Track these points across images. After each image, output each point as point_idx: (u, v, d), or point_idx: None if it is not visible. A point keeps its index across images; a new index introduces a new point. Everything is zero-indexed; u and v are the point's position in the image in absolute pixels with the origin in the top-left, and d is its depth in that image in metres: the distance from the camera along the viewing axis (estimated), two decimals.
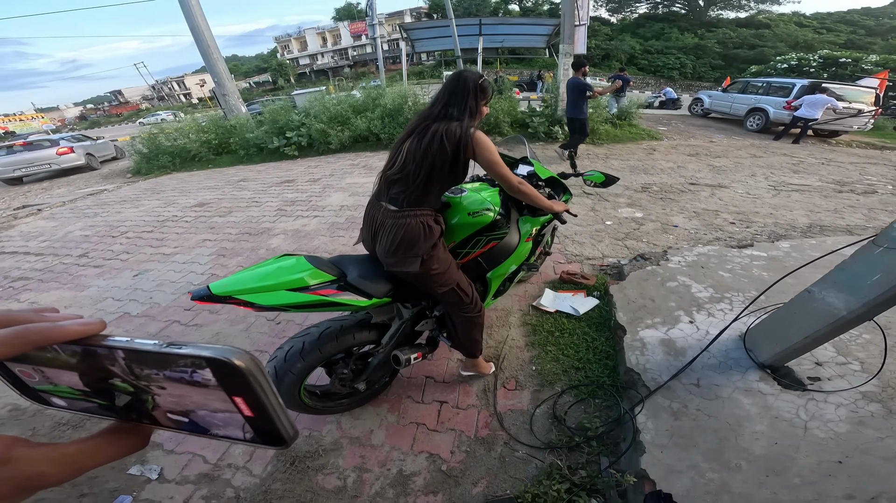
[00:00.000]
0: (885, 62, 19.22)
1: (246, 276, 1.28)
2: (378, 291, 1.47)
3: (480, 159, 1.40)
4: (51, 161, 9.84)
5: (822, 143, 8.60)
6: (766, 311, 1.89)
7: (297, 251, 3.66)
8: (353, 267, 1.46)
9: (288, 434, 0.30)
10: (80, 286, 3.39)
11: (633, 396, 1.76)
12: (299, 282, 1.29)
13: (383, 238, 1.43)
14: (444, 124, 1.35)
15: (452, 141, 1.33)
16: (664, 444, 1.47)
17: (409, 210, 1.40)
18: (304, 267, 1.33)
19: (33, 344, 0.26)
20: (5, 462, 0.26)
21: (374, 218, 1.49)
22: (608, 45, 37.25)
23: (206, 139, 9.04)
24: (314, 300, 1.32)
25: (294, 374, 1.44)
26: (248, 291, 1.23)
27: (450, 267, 1.51)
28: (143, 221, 5.08)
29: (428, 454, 1.65)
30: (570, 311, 2.47)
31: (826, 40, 33.99)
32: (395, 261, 1.42)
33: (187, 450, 1.75)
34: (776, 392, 1.62)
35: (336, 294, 1.36)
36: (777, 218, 3.93)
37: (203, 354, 0.25)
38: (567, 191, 2.09)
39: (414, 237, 1.38)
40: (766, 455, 1.38)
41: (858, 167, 6.24)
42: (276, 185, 6.33)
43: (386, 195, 1.46)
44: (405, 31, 13.91)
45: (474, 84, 1.41)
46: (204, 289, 1.22)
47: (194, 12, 8.24)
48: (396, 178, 1.41)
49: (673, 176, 5.56)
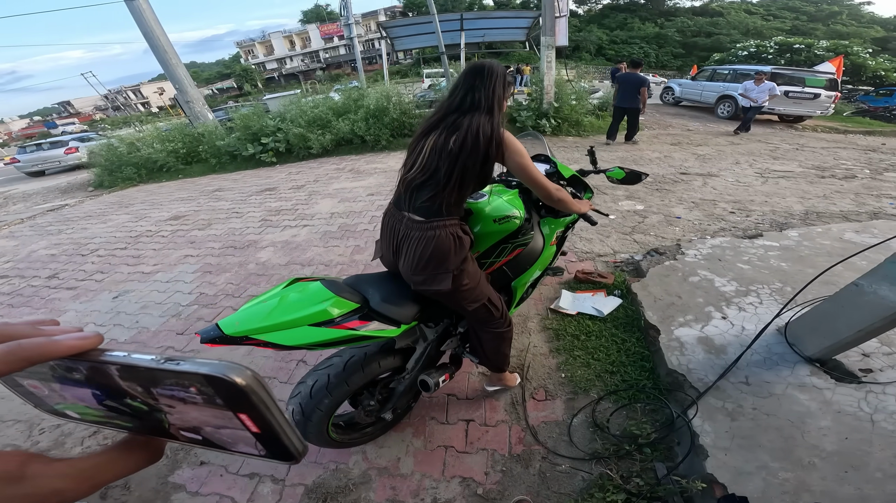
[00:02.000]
0: (835, 48, 20.49)
1: (260, 310, 1.10)
2: (406, 316, 1.32)
3: (510, 162, 1.25)
4: (59, 159, 11.83)
5: (790, 129, 8.99)
6: (803, 305, 1.85)
7: (291, 264, 3.44)
8: (374, 289, 1.30)
9: (296, 449, 0.29)
10: (55, 310, 3.13)
11: (681, 399, 1.70)
12: (323, 314, 1.12)
13: (409, 253, 1.26)
14: (476, 117, 1.20)
15: (486, 137, 1.18)
16: (727, 447, 1.42)
17: (438, 220, 1.23)
18: (325, 295, 1.16)
19: (28, 360, 0.25)
20: (20, 479, 0.25)
21: (395, 230, 1.32)
22: (577, 36, 38.06)
23: (173, 148, 8.55)
24: (342, 336, 1.15)
25: (322, 412, 1.31)
26: (267, 329, 1.06)
27: (480, 281, 1.38)
28: (114, 237, 4.76)
29: (461, 478, 1.54)
30: (593, 313, 2.38)
31: (774, 27, 36.01)
32: (425, 279, 1.27)
33: (213, 491, 1.59)
34: (831, 386, 1.58)
35: (363, 325, 1.20)
36: (773, 206, 3.99)
37: (201, 371, 0.25)
38: (589, 189, 1.98)
39: (444, 251, 1.22)
40: (839, 451, 1.34)
41: (831, 152, 6.52)
42: (256, 193, 6.02)
43: (408, 203, 1.28)
44: (384, 29, 13.52)
45: (502, 75, 1.26)
46: (213, 328, 1.05)
47: (146, 16, 7.75)
48: (421, 182, 1.23)
49: (662, 166, 5.62)
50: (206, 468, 1.67)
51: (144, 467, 0.31)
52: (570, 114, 7.69)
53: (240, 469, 1.64)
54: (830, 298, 1.64)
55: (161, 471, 1.67)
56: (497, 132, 1.20)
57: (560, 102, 7.62)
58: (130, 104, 60.01)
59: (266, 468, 1.61)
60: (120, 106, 59.10)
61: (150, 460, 0.31)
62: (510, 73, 1.34)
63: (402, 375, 1.56)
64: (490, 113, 1.22)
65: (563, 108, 7.61)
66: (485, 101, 1.22)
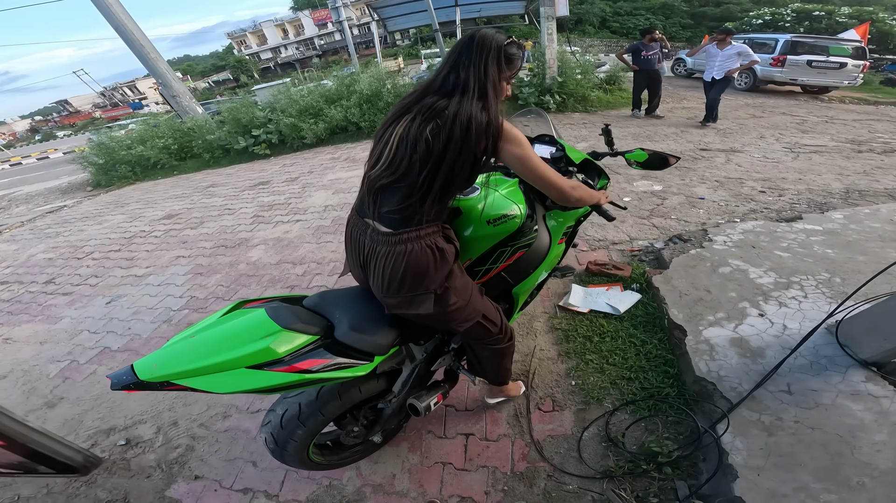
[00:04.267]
0: (858, 14, 19.28)
1: (185, 348, 0.89)
2: (381, 346, 1.10)
3: (509, 157, 1.00)
4: None
5: (815, 100, 8.46)
6: (857, 301, 1.57)
7: (282, 263, 3.28)
8: (342, 311, 1.08)
9: (78, 462, 0.23)
10: (51, 318, 3.12)
11: (709, 410, 1.52)
12: (264, 354, 0.90)
13: (377, 272, 1.03)
14: (466, 104, 0.92)
15: (478, 130, 0.91)
16: (760, 466, 1.27)
17: (410, 230, 0.99)
18: (269, 328, 0.93)
19: None
20: None
21: (360, 243, 1.08)
22: (579, 9, 36.57)
23: (165, 145, 8.43)
24: (292, 381, 0.93)
25: (297, 442, 1.19)
26: (192, 373, 0.85)
27: (471, 297, 1.14)
28: (109, 239, 4.75)
29: (459, 498, 1.45)
30: (608, 310, 2.14)
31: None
32: (400, 303, 1.04)
33: None
34: (890, 393, 1.37)
35: (323, 365, 0.97)
36: (808, 184, 3.65)
37: None
38: (604, 174, 1.67)
39: (421, 268, 0.99)
40: (894, 469, 1.19)
41: (864, 124, 6.04)
42: (250, 188, 5.89)
43: (373, 209, 1.03)
44: (374, 10, 13.03)
45: (497, 48, 0.97)
46: (126, 371, 0.84)
47: (114, 10, 7.45)
48: (387, 184, 0.98)
49: (679, 142, 5.25)
50: (200, 482, 1.64)
51: None
52: (576, 88, 7.27)
53: (233, 484, 1.61)
54: (893, 296, 1.40)
55: (157, 486, 1.65)
56: (495, 123, 0.94)
57: (564, 77, 7.19)
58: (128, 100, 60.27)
59: (259, 483, 1.58)
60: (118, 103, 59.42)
61: None
62: (513, 45, 1.02)
63: (388, 398, 1.38)
64: (483, 97, 0.94)
65: (567, 82, 7.19)
66: (474, 81, 0.94)
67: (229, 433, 1.80)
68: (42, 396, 2.23)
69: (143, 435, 1.87)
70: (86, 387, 2.24)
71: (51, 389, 2.27)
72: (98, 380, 2.28)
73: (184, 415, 1.94)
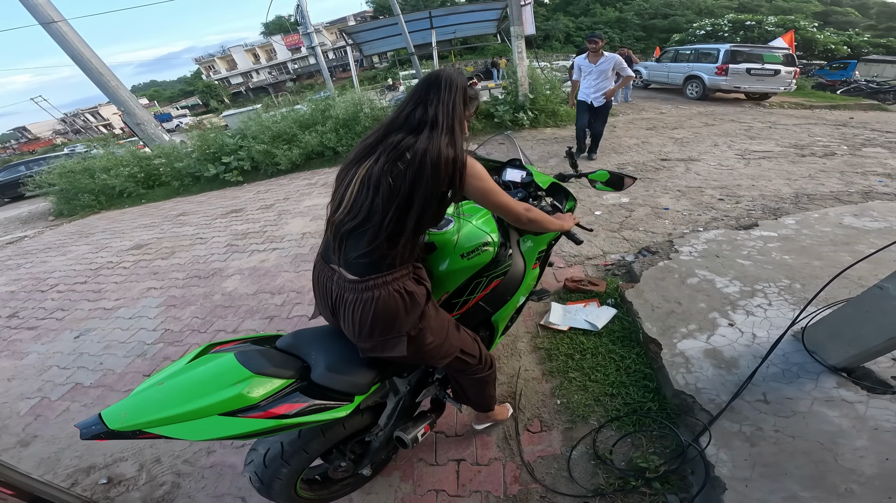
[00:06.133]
0: (783, 23, 21.03)
1: (154, 396, 0.87)
2: (361, 385, 1.08)
3: (472, 191, 1.02)
4: None
5: (758, 106, 9.03)
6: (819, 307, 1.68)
7: (259, 293, 3.19)
8: (318, 351, 1.07)
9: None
10: (17, 353, 3.01)
11: (691, 423, 1.56)
12: (236, 401, 0.87)
13: (347, 318, 1.02)
14: (435, 138, 0.94)
15: (447, 165, 0.93)
16: (747, 477, 1.28)
17: (377, 277, 0.98)
18: (240, 374, 0.91)
19: None
20: None
21: (327, 289, 1.07)
22: (546, 25, 38.31)
23: (131, 173, 8.10)
24: (269, 426, 0.90)
25: (283, 480, 1.16)
26: (163, 422, 0.82)
27: (448, 333, 1.15)
28: (74, 271, 4.57)
29: None
30: (587, 327, 2.19)
31: (723, 5, 36.97)
32: (373, 347, 1.03)
33: None
34: (864, 398, 1.42)
35: (300, 408, 0.95)
36: (761, 189, 3.88)
37: None
38: (571, 196, 1.74)
39: (391, 314, 0.98)
40: (880, 474, 1.21)
41: (803, 128, 6.49)
42: (222, 216, 5.72)
43: (339, 256, 1.01)
44: (348, 34, 13.16)
45: (463, 87, 1.02)
46: (95, 420, 0.81)
47: (70, 40, 7.17)
48: (352, 228, 0.97)
49: (641, 153, 5.50)
50: None
51: None
52: (546, 104, 7.51)
53: None
54: (852, 302, 1.48)
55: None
56: (461, 158, 0.96)
57: (535, 93, 7.45)
58: (91, 126, 58.05)
59: None
60: (80, 129, 57.05)
61: None
62: (472, 86, 1.09)
63: (375, 432, 1.36)
64: (451, 133, 0.97)
65: (538, 98, 7.44)
66: (443, 117, 0.97)
67: (215, 469, 1.75)
68: (14, 435, 2.12)
69: (126, 473, 1.80)
70: (59, 425, 2.14)
71: (23, 427, 2.16)
72: (73, 417, 2.19)
73: (166, 451, 1.87)
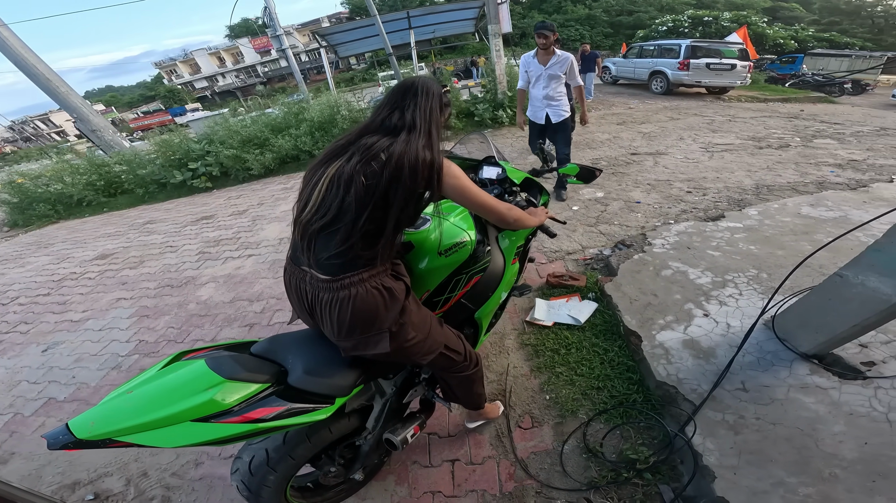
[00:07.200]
0: (737, 18, 22.04)
1: (124, 404, 0.84)
2: (342, 387, 1.06)
3: (450, 191, 1.03)
4: None
5: (718, 100, 9.46)
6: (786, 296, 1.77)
7: (237, 301, 3.09)
8: (295, 355, 1.05)
9: None
10: None
11: (675, 413, 1.60)
12: (209, 406, 0.85)
13: (325, 318, 1.00)
14: (411, 142, 0.95)
15: (425, 166, 0.94)
16: (734, 465, 1.32)
17: (353, 274, 0.96)
18: (211, 380, 0.88)
19: None
20: None
21: (301, 291, 1.04)
22: (522, 23, 38.75)
23: (89, 181, 7.65)
24: (245, 431, 0.89)
25: (271, 487, 1.15)
26: (133, 430, 0.79)
27: (430, 329, 1.14)
28: (35, 283, 4.38)
29: None
30: (570, 321, 2.23)
31: (682, 1, 38.34)
32: (355, 345, 1.02)
33: None
34: (836, 384, 1.49)
35: (277, 412, 0.93)
36: (725, 181, 4.06)
37: None
38: (544, 191, 1.77)
39: (370, 311, 0.97)
40: (861, 458, 1.25)
41: (759, 121, 6.85)
42: (192, 223, 5.50)
43: (308, 256, 0.99)
44: (321, 36, 12.71)
45: (439, 95, 1.04)
46: (63, 430, 0.78)
47: (12, 45, 6.75)
48: (320, 227, 0.95)
49: (613, 148, 5.66)
50: None
51: None
52: None
53: None
54: (815, 290, 1.56)
55: None
56: (438, 160, 0.97)
57: (514, 91, 7.53)
58: (43, 134, 54.43)
59: None
60: (30, 137, 53.41)
61: None
62: (446, 94, 1.11)
63: (364, 435, 1.34)
64: (428, 136, 0.98)
65: (516, 95, 7.53)
66: (421, 122, 0.98)
67: (204, 481, 1.70)
68: None
69: (112, 488, 1.73)
70: (37, 441, 2.04)
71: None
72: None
73: (152, 464, 1.80)
